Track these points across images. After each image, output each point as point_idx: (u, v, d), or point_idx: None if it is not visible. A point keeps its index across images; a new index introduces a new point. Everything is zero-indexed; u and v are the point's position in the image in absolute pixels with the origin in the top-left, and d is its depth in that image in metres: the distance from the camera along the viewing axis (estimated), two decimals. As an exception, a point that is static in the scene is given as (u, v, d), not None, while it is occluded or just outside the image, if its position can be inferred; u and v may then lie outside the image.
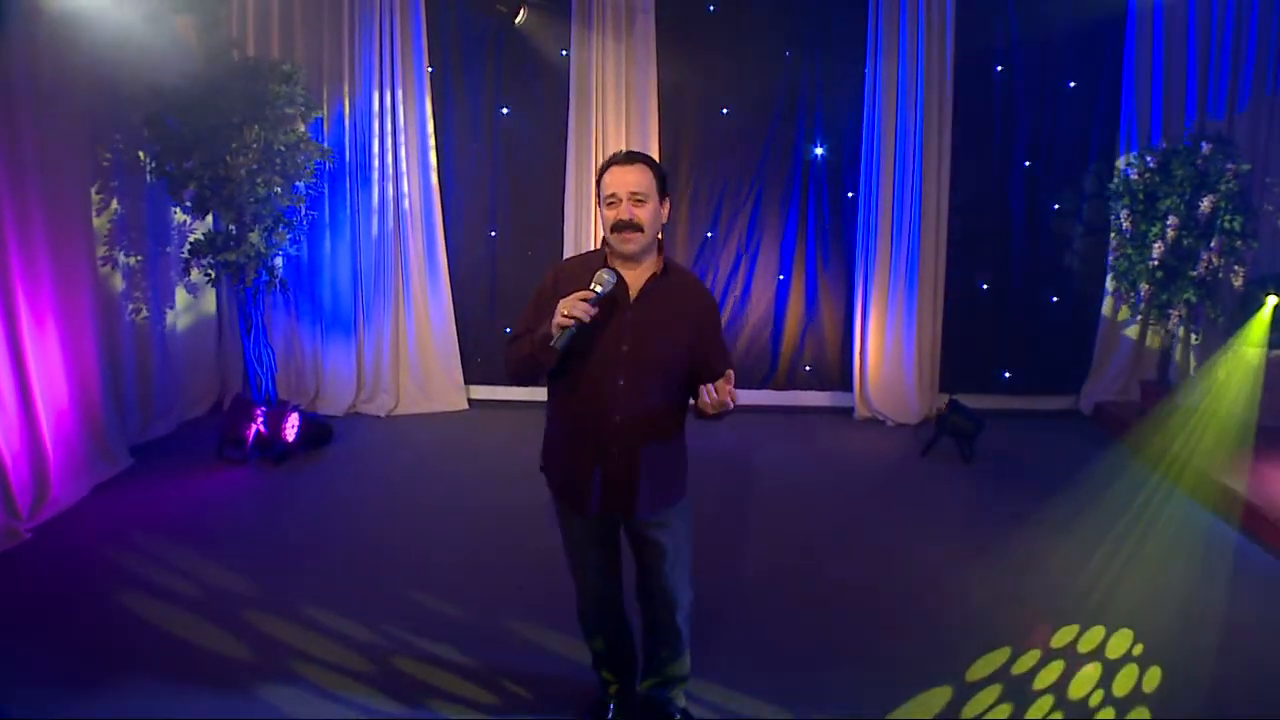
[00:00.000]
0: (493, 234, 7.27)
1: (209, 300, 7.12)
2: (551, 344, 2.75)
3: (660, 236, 2.96)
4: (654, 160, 2.94)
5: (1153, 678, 3.71)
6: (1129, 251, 6.62)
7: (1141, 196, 6.48)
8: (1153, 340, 7.03)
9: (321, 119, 6.78)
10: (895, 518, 5.42)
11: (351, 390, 7.19)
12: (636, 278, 2.92)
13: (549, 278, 3.00)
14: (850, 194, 7.07)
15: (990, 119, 6.94)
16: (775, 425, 7.10)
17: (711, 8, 6.89)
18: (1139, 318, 6.97)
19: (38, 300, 5.36)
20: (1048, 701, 3.56)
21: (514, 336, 3.01)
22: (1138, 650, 3.90)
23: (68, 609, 4.25)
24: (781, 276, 7.22)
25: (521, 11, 6.43)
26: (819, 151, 7.06)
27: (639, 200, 2.83)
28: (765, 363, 7.37)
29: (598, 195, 2.91)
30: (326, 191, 6.90)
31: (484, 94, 7.04)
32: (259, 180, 6.02)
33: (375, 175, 6.92)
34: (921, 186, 6.83)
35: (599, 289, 2.76)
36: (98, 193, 5.98)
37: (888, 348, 7.07)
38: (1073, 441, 6.76)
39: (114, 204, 6.10)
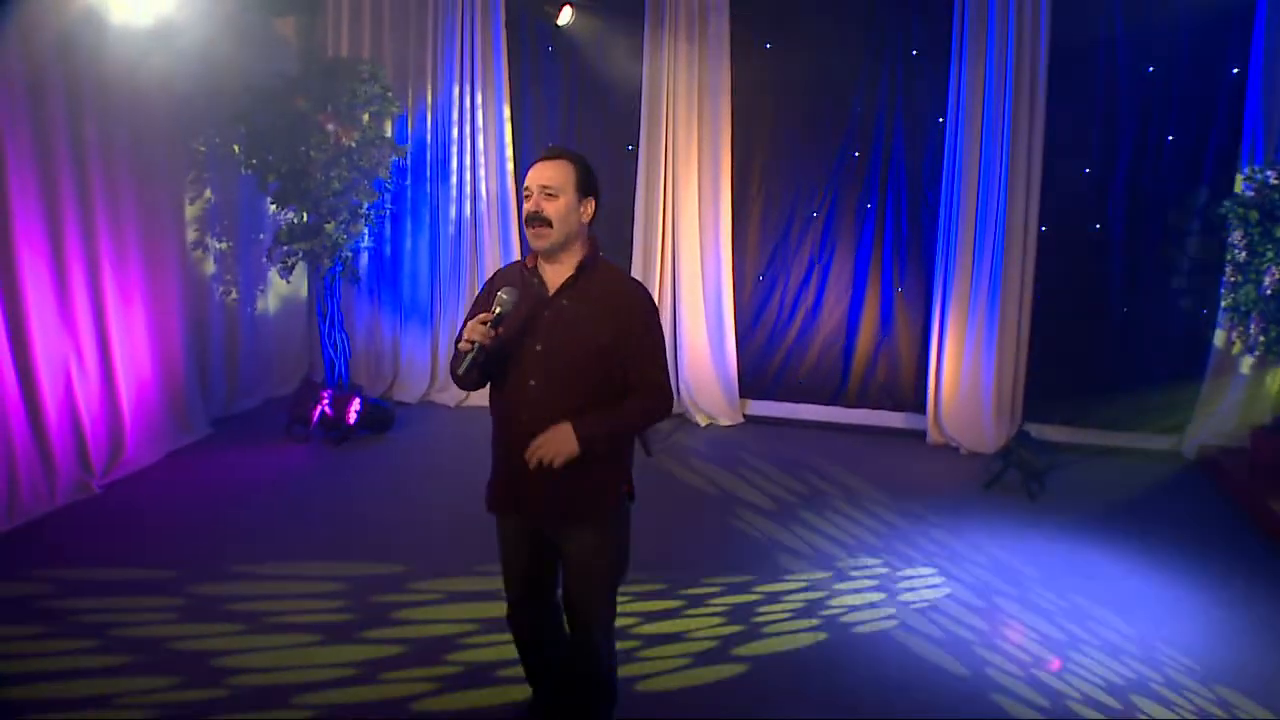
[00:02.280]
0: (565, 232, 7.33)
1: (302, 286, 7.55)
2: (454, 370, 2.78)
3: (588, 233, 2.91)
4: (578, 157, 2.89)
5: None
6: (1246, 278, 5.91)
7: (1256, 216, 5.76)
8: (1271, 381, 6.24)
9: (406, 115, 7.07)
10: (917, 549, 5.09)
11: (426, 379, 7.45)
12: (557, 275, 2.87)
13: (484, 288, 3.00)
14: (931, 204, 6.66)
15: (1088, 124, 6.37)
16: (839, 443, 6.81)
17: (787, 7, 6.68)
18: (1256, 354, 6.20)
19: (125, 279, 5.85)
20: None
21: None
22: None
23: (115, 558, 4.68)
24: (855, 288, 6.90)
25: (565, 10, 6.45)
26: (898, 158, 6.70)
27: (550, 194, 2.80)
28: (836, 378, 7.06)
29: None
30: (409, 185, 7.20)
31: (560, 92, 7.13)
32: (333, 175, 6.33)
33: (454, 171, 7.15)
34: (1007, 198, 6.35)
35: (499, 310, 2.75)
36: (191, 182, 6.47)
37: (965, 370, 6.62)
38: (1166, 488, 6.10)
39: (207, 192, 6.59)
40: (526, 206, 2.83)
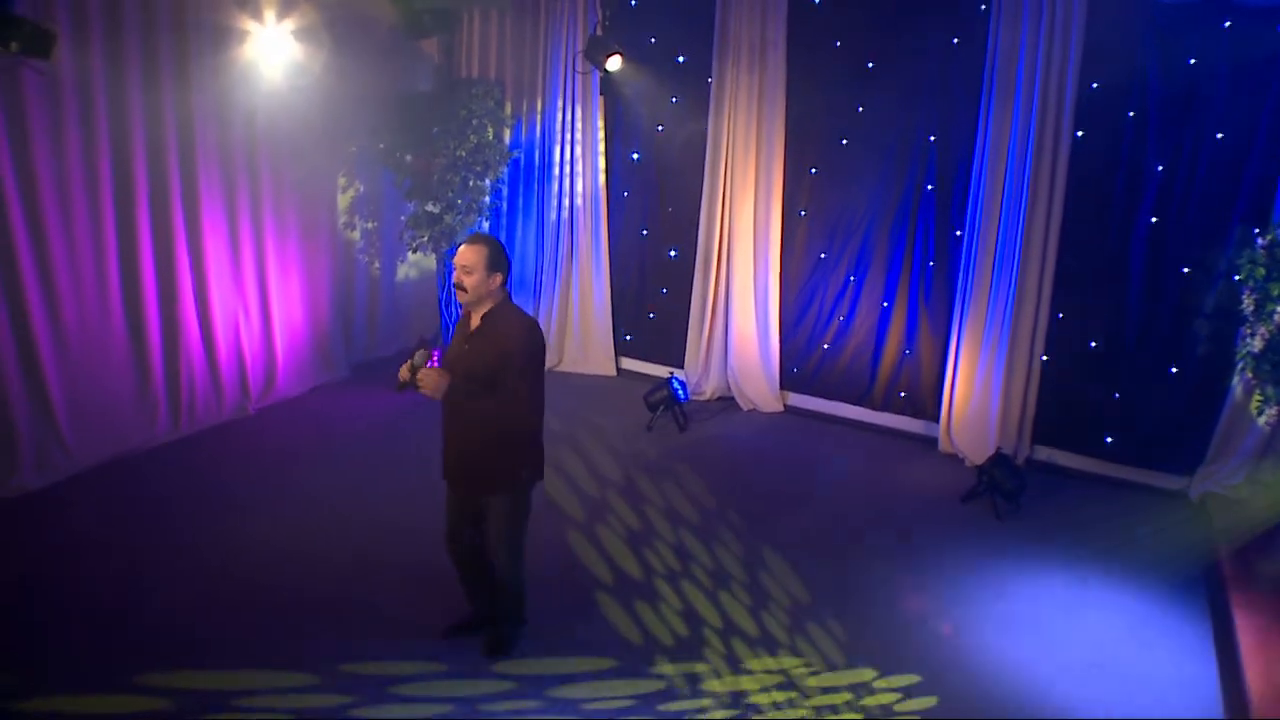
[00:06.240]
0: (644, 232, 8.42)
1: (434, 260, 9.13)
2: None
3: (498, 292, 4.11)
4: (492, 241, 4.14)
5: None
6: (1254, 333, 5.96)
7: (1263, 274, 5.79)
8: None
9: (520, 124, 8.40)
10: (850, 540, 5.90)
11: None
12: (476, 320, 4.18)
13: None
14: (958, 232, 7.09)
15: (1114, 167, 6.53)
16: (857, 440, 7.58)
17: (837, 43, 7.26)
18: (1267, 413, 6.20)
19: (284, 252, 7.63)
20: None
21: None
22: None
23: (265, 461, 6.54)
24: (885, 304, 7.48)
25: (614, 59, 7.37)
26: (929, 188, 7.17)
27: (466, 271, 4.07)
28: (863, 382, 7.73)
29: None
30: (522, 182, 8.56)
31: (645, 111, 8.14)
32: (449, 175, 7.78)
33: (555, 173, 8.39)
34: (1024, 230, 6.69)
35: (412, 362, 4.04)
36: (344, 175, 8.16)
37: (976, 389, 7.08)
38: (1148, 527, 6.28)
39: (357, 183, 8.26)
40: (454, 277, 4.11)
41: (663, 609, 5.07)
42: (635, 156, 8.31)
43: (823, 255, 7.69)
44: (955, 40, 6.89)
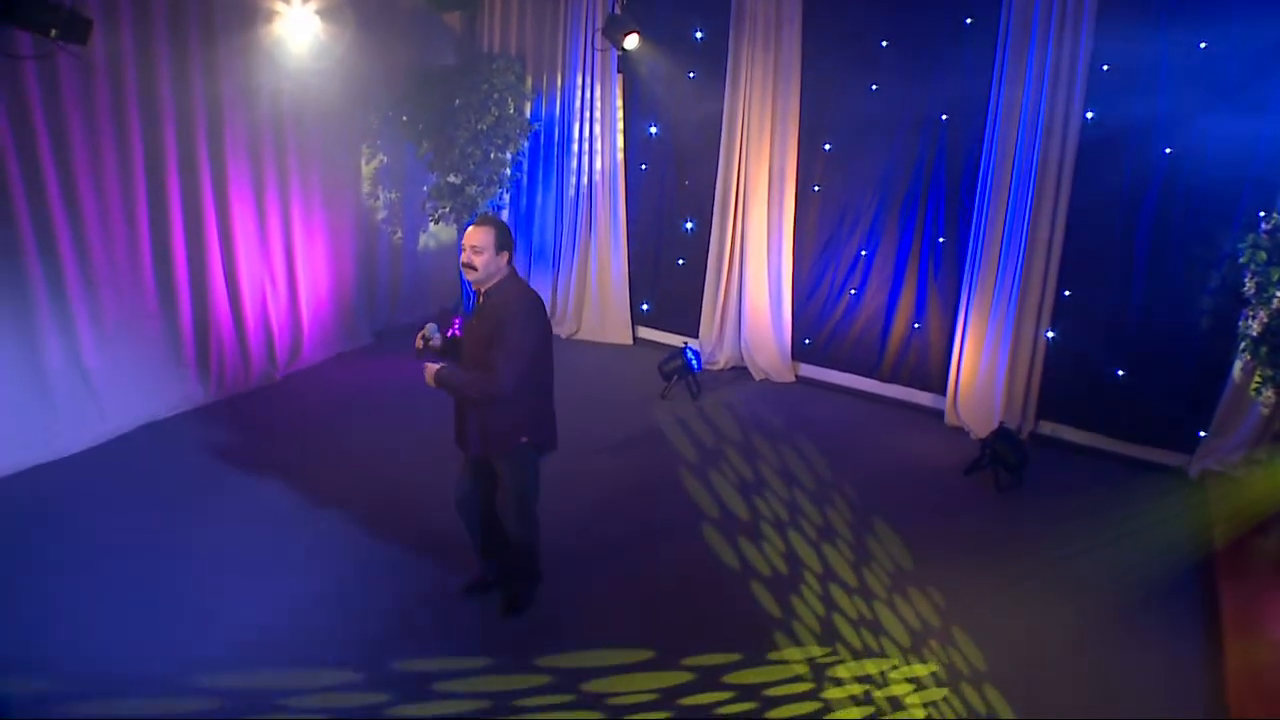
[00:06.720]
0: (660, 205, 8.57)
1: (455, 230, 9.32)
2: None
3: (506, 268, 4.33)
4: (499, 222, 4.37)
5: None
6: (1254, 316, 6.07)
7: (1264, 258, 5.88)
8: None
9: (541, 99, 8.53)
10: (858, 510, 6.12)
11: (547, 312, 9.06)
12: (483, 295, 4.41)
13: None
14: (967, 208, 7.20)
15: (1123, 148, 6.59)
16: (865, 411, 7.77)
17: (851, 21, 7.34)
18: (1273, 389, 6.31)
19: (310, 222, 7.85)
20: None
21: None
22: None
23: (290, 426, 6.84)
24: (895, 279, 7.63)
25: (631, 37, 7.45)
26: (940, 165, 7.27)
27: (476, 251, 4.29)
28: (873, 355, 7.90)
29: None
30: (542, 156, 8.71)
31: (662, 87, 8.24)
32: (470, 149, 7.95)
33: (575, 148, 8.54)
34: (1032, 210, 6.80)
35: (425, 335, 4.49)
36: (367, 147, 8.34)
37: (982, 364, 7.23)
38: (1152, 505, 6.38)
39: (380, 155, 8.44)
40: (462, 257, 4.33)
41: (669, 590, 5.33)
42: (653, 131, 8.44)
43: (835, 231, 7.83)
44: (968, 20, 6.95)
